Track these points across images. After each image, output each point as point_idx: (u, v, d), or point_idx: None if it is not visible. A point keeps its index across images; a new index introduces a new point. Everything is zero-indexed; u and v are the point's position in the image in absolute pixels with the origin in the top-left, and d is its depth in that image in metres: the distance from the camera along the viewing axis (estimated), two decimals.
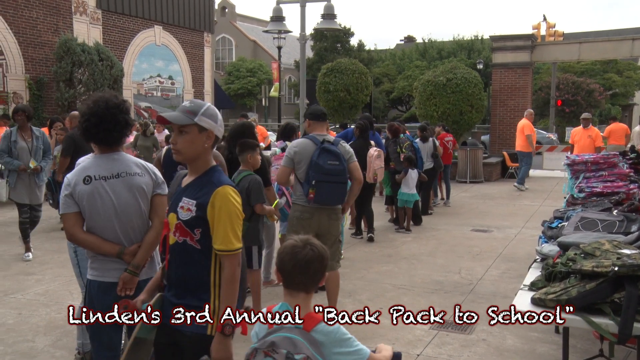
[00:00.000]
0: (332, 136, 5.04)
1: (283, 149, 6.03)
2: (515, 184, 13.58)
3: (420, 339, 4.65)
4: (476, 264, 6.96)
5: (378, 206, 9.59)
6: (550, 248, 3.86)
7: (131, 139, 11.83)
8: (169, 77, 20.50)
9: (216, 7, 26.37)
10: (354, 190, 5.01)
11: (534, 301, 3.15)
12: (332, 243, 4.87)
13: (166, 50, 20.17)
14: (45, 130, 12.31)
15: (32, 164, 7.12)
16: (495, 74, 17.15)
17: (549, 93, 29.05)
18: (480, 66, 30.93)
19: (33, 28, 15.07)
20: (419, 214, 9.33)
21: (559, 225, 4.31)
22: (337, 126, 14.37)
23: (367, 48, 40.79)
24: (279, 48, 27.22)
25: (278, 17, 9.88)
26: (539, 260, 4.01)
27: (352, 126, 8.81)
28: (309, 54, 36.42)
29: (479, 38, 41.11)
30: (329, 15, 9.62)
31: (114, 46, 17.54)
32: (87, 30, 16.63)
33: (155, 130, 13.13)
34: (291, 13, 69.88)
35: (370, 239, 8.20)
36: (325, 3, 9.61)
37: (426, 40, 43.62)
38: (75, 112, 8.46)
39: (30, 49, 14.99)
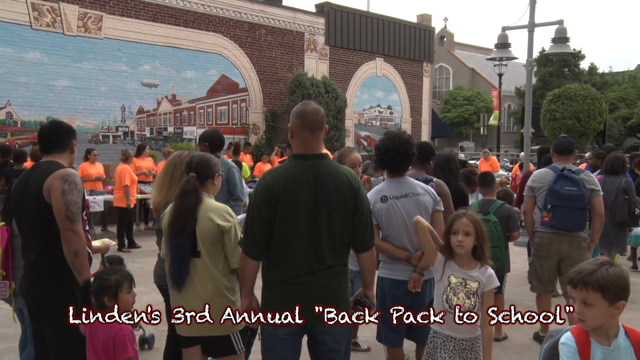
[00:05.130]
0: (572, 166, 4.97)
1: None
2: None
3: None
4: None
5: None
6: None
7: None
8: (388, 106, 21.11)
9: (435, 36, 26.50)
10: (596, 226, 4.85)
11: None
12: None
13: (386, 81, 20.85)
14: (275, 158, 13.46)
15: None
16: None
17: None
18: None
19: (272, 66, 16.87)
20: None
21: None
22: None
23: (599, 71, 37.21)
24: (500, 75, 26.26)
25: (503, 44, 9.53)
26: None
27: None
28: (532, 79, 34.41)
29: None
30: (560, 39, 8.97)
31: (338, 79, 18.71)
32: (315, 65, 18.05)
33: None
34: (514, 39, 67.28)
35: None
36: (556, 26, 8.99)
37: None
38: None
39: (268, 85, 16.80)
